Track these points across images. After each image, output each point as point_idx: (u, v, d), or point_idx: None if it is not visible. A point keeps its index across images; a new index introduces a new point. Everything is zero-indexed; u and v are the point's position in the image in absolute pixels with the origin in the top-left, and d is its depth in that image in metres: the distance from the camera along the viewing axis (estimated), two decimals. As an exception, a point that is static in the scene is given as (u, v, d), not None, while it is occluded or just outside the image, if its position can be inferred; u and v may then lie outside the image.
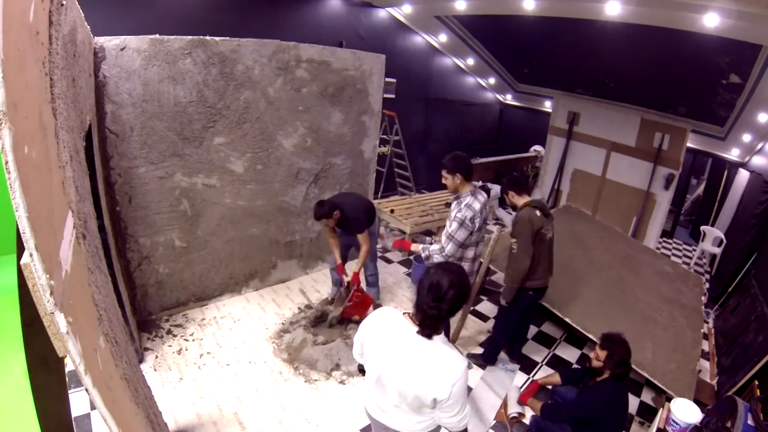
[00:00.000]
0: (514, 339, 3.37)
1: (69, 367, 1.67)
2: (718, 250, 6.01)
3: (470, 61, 7.59)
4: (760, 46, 3.82)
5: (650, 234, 6.05)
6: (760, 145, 5.53)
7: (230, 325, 3.42)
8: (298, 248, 4.13)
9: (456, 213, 2.63)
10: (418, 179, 6.60)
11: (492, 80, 8.26)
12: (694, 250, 6.73)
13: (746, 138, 5.65)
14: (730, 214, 6.34)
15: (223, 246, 3.55)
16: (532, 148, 8.60)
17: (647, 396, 3.20)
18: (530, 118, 8.71)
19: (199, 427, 2.49)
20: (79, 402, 2.43)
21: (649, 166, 5.83)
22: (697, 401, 2.65)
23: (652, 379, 2.87)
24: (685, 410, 2.47)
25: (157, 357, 2.98)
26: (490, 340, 3.44)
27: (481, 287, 3.55)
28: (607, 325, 2.82)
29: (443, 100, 7.74)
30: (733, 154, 6.25)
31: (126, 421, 1.14)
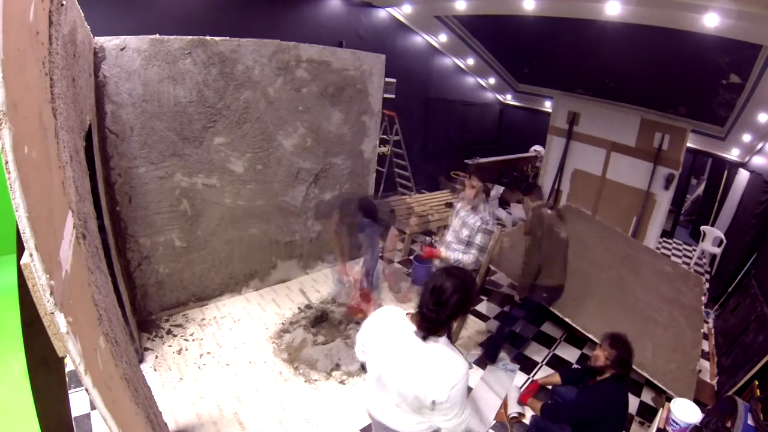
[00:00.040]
0: (516, 339, 3.38)
1: (69, 367, 1.67)
2: (718, 250, 6.01)
3: (470, 61, 7.59)
4: (760, 46, 3.82)
5: (650, 234, 6.05)
6: (760, 145, 5.52)
7: (230, 325, 3.42)
8: (298, 248, 4.13)
9: (483, 225, 2.88)
10: (418, 179, 6.60)
11: (492, 80, 8.26)
12: (694, 250, 6.73)
13: (746, 138, 5.65)
14: (730, 214, 6.34)
15: (223, 246, 3.55)
16: (532, 148, 8.59)
17: (647, 396, 3.20)
18: (530, 118, 8.71)
19: (199, 427, 2.49)
20: (79, 402, 2.43)
21: (649, 166, 5.83)
22: (697, 401, 2.65)
23: (652, 379, 2.87)
24: (685, 410, 2.48)
25: (157, 357, 2.98)
26: (492, 339, 3.45)
27: (481, 287, 3.55)
28: (607, 325, 2.82)
29: (443, 100, 7.74)
30: (733, 154, 6.25)
31: (126, 421, 1.14)
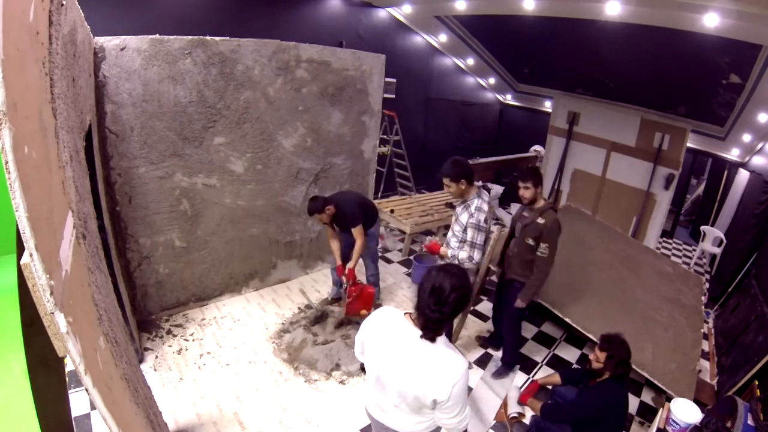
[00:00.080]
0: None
1: (69, 367, 1.67)
2: (718, 250, 6.01)
3: (470, 61, 7.59)
4: (760, 46, 3.82)
5: (650, 234, 6.05)
6: (760, 145, 5.53)
7: (230, 325, 3.42)
8: (298, 248, 4.13)
9: (470, 219, 2.64)
10: (418, 179, 6.60)
11: (492, 80, 8.26)
12: (694, 250, 6.73)
13: (746, 138, 5.65)
14: (730, 214, 6.34)
15: (223, 246, 3.55)
16: (532, 148, 8.59)
17: (647, 396, 3.20)
18: (530, 118, 8.71)
19: (199, 427, 2.49)
20: (79, 402, 2.43)
21: (649, 166, 5.83)
22: (697, 401, 2.65)
23: (652, 379, 2.87)
24: (685, 410, 2.47)
25: (157, 357, 2.98)
26: (509, 346, 3.23)
27: (481, 287, 3.55)
28: (607, 325, 2.82)
29: (443, 100, 7.74)
30: (733, 154, 6.25)
31: (126, 421, 1.14)
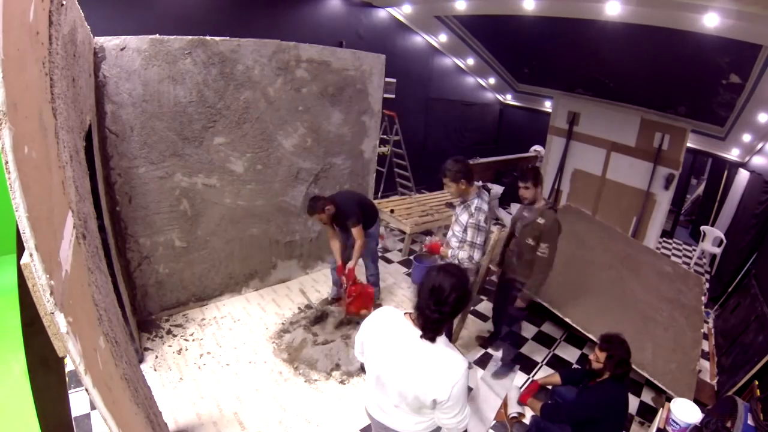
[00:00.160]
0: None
1: (69, 367, 1.67)
2: (718, 250, 6.01)
3: (470, 61, 7.59)
4: (760, 46, 3.82)
5: (650, 234, 6.05)
6: (760, 145, 5.52)
7: (230, 325, 3.42)
8: (298, 248, 4.13)
9: (470, 219, 2.63)
10: (418, 179, 6.60)
11: (492, 80, 8.26)
12: (694, 250, 6.72)
13: (746, 138, 5.64)
14: (730, 214, 6.34)
15: (223, 246, 3.55)
16: (532, 148, 8.58)
17: (647, 396, 3.20)
18: (530, 118, 8.71)
19: (199, 427, 2.49)
20: (79, 402, 2.43)
21: (649, 166, 5.83)
22: (697, 401, 2.65)
23: (652, 379, 2.87)
24: (685, 410, 2.47)
25: (157, 357, 2.98)
26: (509, 345, 3.25)
27: (481, 287, 3.55)
28: (607, 325, 2.81)
29: (443, 100, 7.73)
30: (733, 154, 6.25)
31: (126, 421, 1.14)
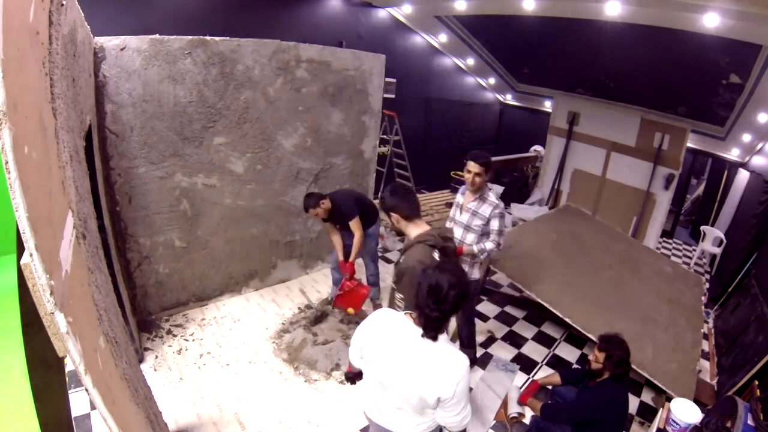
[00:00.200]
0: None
1: (69, 367, 1.67)
2: (718, 250, 6.01)
3: (470, 61, 7.59)
4: (760, 46, 3.82)
5: (650, 234, 6.05)
6: (760, 145, 5.52)
7: (230, 325, 3.42)
8: (298, 248, 4.13)
9: (494, 210, 2.70)
10: (418, 179, 6.60)
11: (492, 80, 8.26)
12: (694, 250, 6.72)
13: (746, 138, 5.65)
14: (730, 214, 6.35)
15: (223, 246, 3.55)
16: (532, 148, 8.59)
17: (647, 396, 3.20)
18: (530, 118, 8.72)
19: (199, 427, 2.49)
20: (79, 402, 2.43)
21: (649, 166, 5.83)
22: (697, 401, 2.65)
23: (652, 379, 2.87)
24: (685, 410, 2.47)
25: (157, 357, 2.98)
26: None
27: (481, 287, 3.55)
28: (607, 325, 2.82)
29: (443, 100, 7.74)
30: (733, 154, 6.26)
31: (126, 421, 1.14)
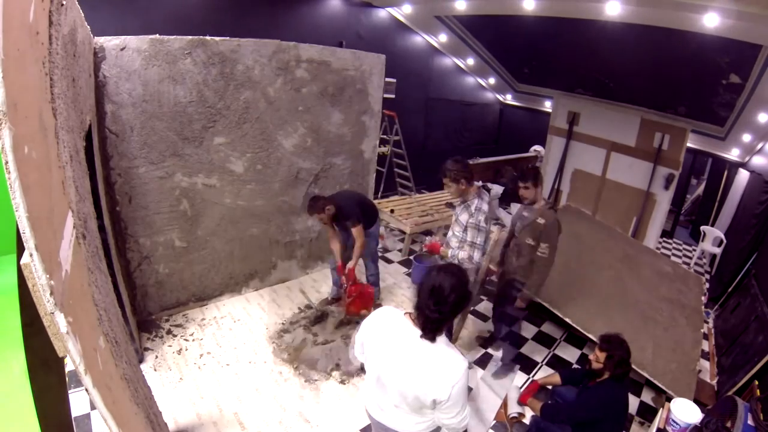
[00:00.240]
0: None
1: (69, 367, 1.67)
2: (718, 250, 6.01)
3: (470, 61, 7.59)
4: (760, 46, 3.82)
5: (650, 234, 6.04)
6: (760, 145, 5.52)
7: (230, 325, 3.42)
8: (298, 248, 4.13)
9: (470, 220, 2.63)
10: (418, 179, 6.60)
11: (492, 80, 8.26)
12: (694, 250, 6.72)
13: (746, 138, 5.64)
14: (730, 214, 6.34)
15: (223, 246, 3.55)
16: (532, 148, 8.59)
17: (647, 396, 3.20)
18: (530, 118, 8.71)
19: (199, 427, 2.49)
20: (79, 402, 2.43)
21: (649, 166, 5.82)
22: (697, 401, 2.65)
23: (652, 379, 2.87)
24: (685, 410, 2.47)
25: (157, 357, 2.98)
26: (509, 345, 3.26)
27: (481, 287, 3.55)
28: (607, 325, 2.82)
29: (443, 100, 7.73)
30: (733, 154, 6.25)
31: (126, 421, 1.14)
